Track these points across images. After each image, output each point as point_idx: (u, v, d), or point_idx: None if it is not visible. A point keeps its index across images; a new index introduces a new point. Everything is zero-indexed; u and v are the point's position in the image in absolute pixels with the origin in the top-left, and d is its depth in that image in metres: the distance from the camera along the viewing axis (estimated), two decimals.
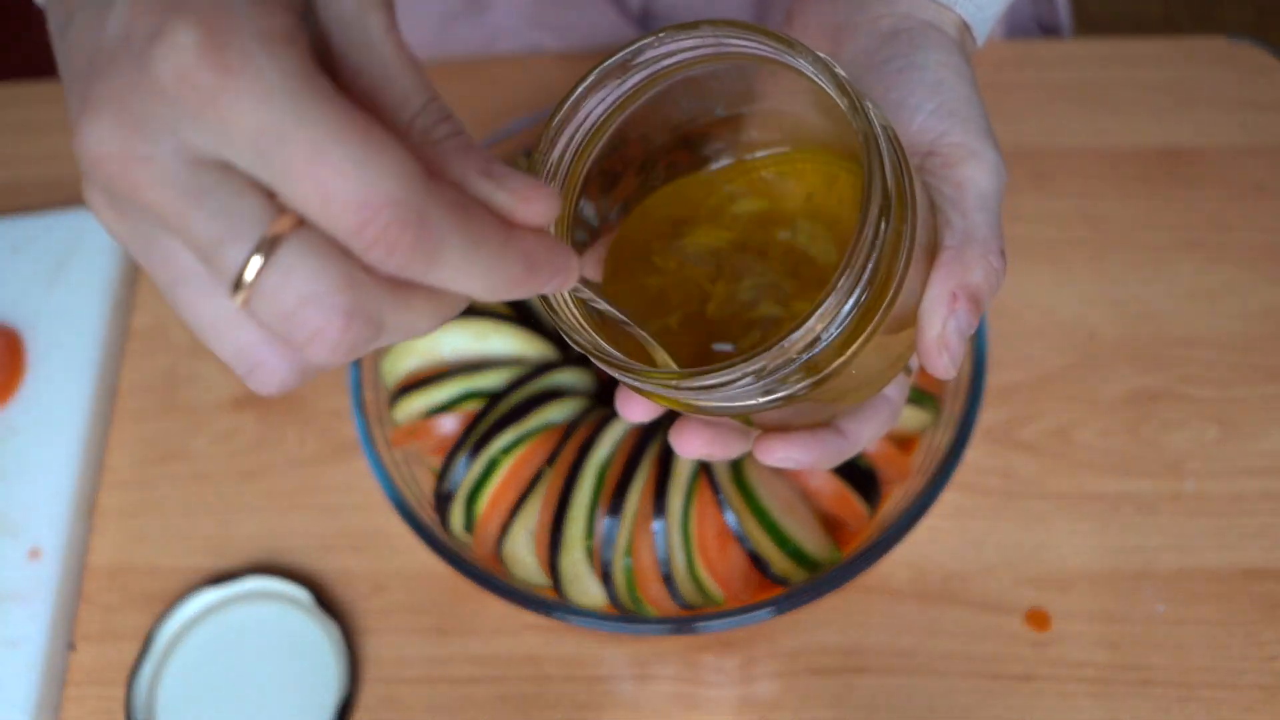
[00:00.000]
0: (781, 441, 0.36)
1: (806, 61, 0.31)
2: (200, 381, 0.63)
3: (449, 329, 0.53)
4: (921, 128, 0.36)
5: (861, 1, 0.39)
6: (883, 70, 0.37)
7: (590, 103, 0.34)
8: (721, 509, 0.49)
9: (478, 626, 0.55)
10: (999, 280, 0.35)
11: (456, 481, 0.51)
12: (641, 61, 0.33)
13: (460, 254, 0.24)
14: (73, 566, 0.58)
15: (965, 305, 0.33)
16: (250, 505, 0.59)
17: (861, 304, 0.29)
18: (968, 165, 0.35)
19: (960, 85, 0.37)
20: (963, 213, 0.35)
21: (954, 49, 0.38)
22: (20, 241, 0.67)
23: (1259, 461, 0.57)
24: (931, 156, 0.36)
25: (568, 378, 0.53)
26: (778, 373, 0.30)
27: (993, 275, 0.34)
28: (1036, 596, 0.54)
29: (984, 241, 0.34)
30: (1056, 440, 0.58)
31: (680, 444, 0.37)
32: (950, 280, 0.34)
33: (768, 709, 0.52)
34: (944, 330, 0.33)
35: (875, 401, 0.37)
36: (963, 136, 0.36)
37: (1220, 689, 0.51)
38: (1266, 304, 0.61)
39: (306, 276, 0.23)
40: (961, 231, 0.34)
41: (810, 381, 0.31)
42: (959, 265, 0.34)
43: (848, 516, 0.51)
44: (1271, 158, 0.66)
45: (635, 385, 0.33)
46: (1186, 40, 0.70)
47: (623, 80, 0.34)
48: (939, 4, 0.39)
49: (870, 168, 0.29)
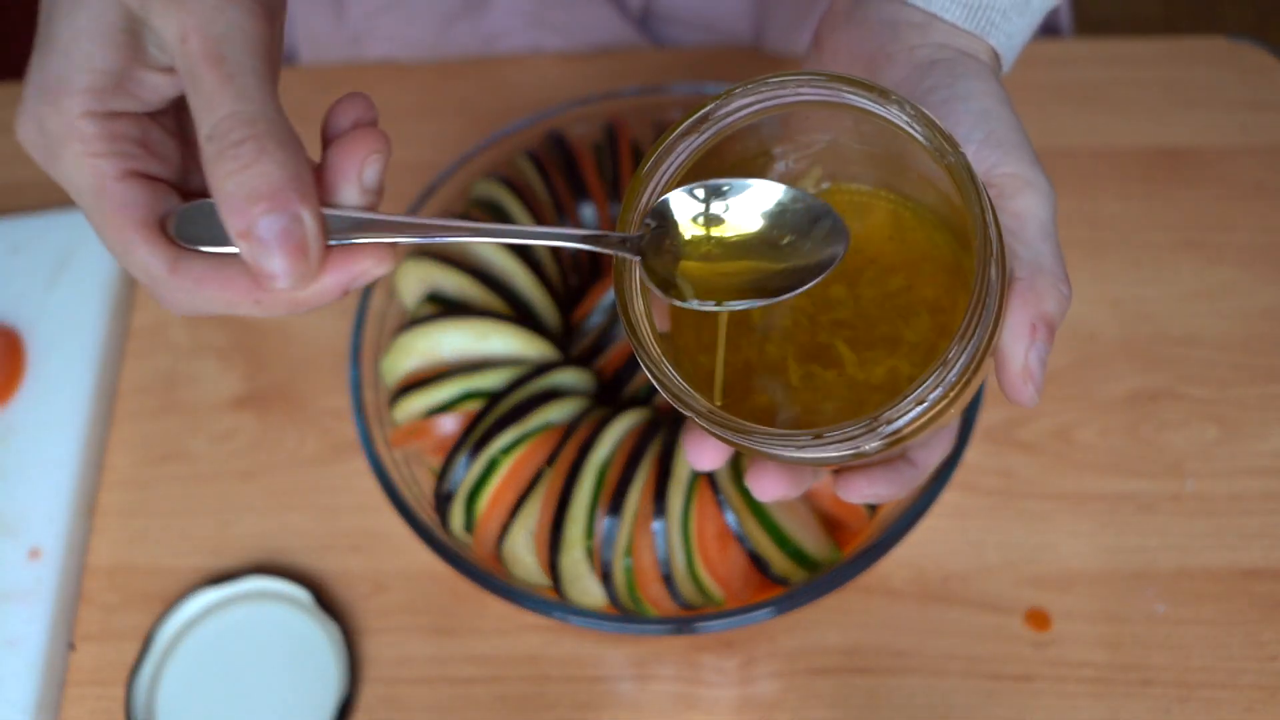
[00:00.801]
0: (865, 480, 0.37)
1: (898, 109, 0.31)
2: (200, 381, 0.63)
3: (449, 329, 0.53)
4: (973, 159, 0.36)
5: (895, 31, 0.40)
6: (926, 101, 0.38)
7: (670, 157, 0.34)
8: (721, 509, 0.49)
9: (478, 626, 0.55)
10: (1068, 306, 0.35)
11: (456, 481, 0.51)
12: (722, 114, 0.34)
13: (221, 310, 0.31)
14: (73, 566, 0.58)
15: (1043, 334, 0.34)
16: (250, 505, 0.59)
17: (968, 369, 0.30)
18: (1025, 195, 0.36)
19: (1005, 114, 0.37)
20: (1027, 243, 0.35)
21: (991, 77, 0.39)
22: (20, 241, 0.67)
23: (1259, 461, 0.57)
24: (987, 188, 0.36)
25: (568, 378, 0.53)
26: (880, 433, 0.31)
27: (1064, 302, 0.35)
28: (1036, 596, 0.54)
29: (1052, 271, 0.35)
30: (1056, 440, 0.58)
31: (761, 490, 0.38)
32: (1028, 311, 0.34)
33: (768, 709, 0.52)
34: (1027, 360, 0.34)
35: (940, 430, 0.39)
36: (1016, 166, 0.36)
37: (1220, 689, 0.51)
38: (1266, 304, 0.61)
39: None
40: (1030, 263, 0.35)
41: (912, 430, 0.32)
42: (1034, 295, 0.34)
43: (848, 516, 0.51)
44: (1271, 158, 0.66)
45: (734, 442, 0.33)
46: (1186, 40, 0.70)
47: (699, 135, 0.34)
48: (971, 34, 0.39)
49: (979, 211, 0.30)
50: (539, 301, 0.56)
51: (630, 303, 0.33)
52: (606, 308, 0.56)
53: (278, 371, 0.63)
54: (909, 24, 0.39)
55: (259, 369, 0.64)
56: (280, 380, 0.63)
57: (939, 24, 0.39)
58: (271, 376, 0.63)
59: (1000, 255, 0.31)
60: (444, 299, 0.55)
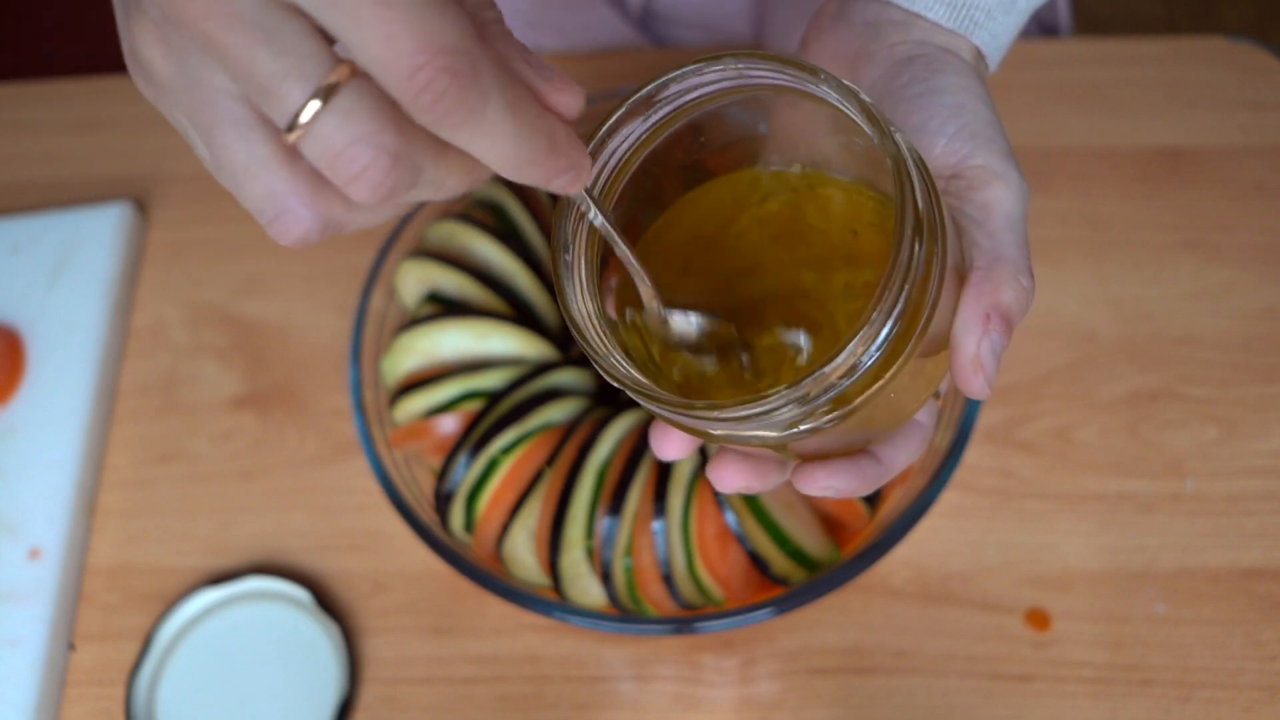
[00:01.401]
0: (824, 471, 0.36)
1: (831, 89, 0.31)
2: (200, 381, 0.63)
3: (449, 329, 0.53)
4: (944, 151, 0.36)
5: (877, 30, 0.40)
6: (902, 95, 0.38)
7: (615, 140, 0.34)
8: (721, 509, 0.49)
9: (478, 626, 0.55)
10: (1029, 300, 0.35)
11: (456, 481, 0.51)
12: (666, 96, 0.34)
13: (498, 113, 0.25)
14: (73, 566, 0.58)
15: (998, 325, 0.34)
16: (250, 505, 0.59)
17: (897, 329, 0.30)
18: (992, 187, 0.36)
19: (980, 108, 0.37)
20: (990, 234, 0.35)
21: (971, 72, 0.38)
22: (20, 241, 0.67)
23: (1259, 461, 0.57)
24: (956, 179, 0.36)
25: (568, 378, 0.53)
26: (815, 400, 0.30)
27: (1023, 295, 0.35)
28: (1036, 596, 0.54)
29: (1013, 261, 0.35)
30: (1056, 440, 0.58)
31: (719, 479, 0.37)
32: (982, 301, 0.34)
33: (768, 709, 0.52)
34: (979, 350, 0.34)
35: (908, 427, 0.38)
36: (986, 159, 0.36)
37: (1220, 689, 0.51)
38: (1266, 304, 0.61)
39: (361, 119, 0.25)
40: (990, 252, 0.35)
41: (850, 406, 0.31)
42: (990, 285, 0.34)
43: (848, 516, 0.51)
44: (1271, 158, 0.66)
45: (671, 418, 0.33)
46: (1186, 40, 0.70)
47: (647, 116, 0.34)
48: (954, 32, 0.39)
49: (902, 193, 0.29)
50: (539, 301, 0.56)
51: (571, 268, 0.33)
52: None
53: (278, 371, 0.63)
54: (891, 23, 0.40)
55: (259, 369, 0.64)
56: (280, 380, 0.63)
57: (921, 22, 0.39)
58: (271, 376, 0.63)
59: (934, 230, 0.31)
60: (444, 299, 0.55)
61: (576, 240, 0.34)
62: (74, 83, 0.77)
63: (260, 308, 0.66)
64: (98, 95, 0.76)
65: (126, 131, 0.74)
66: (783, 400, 0.30)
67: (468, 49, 0.24)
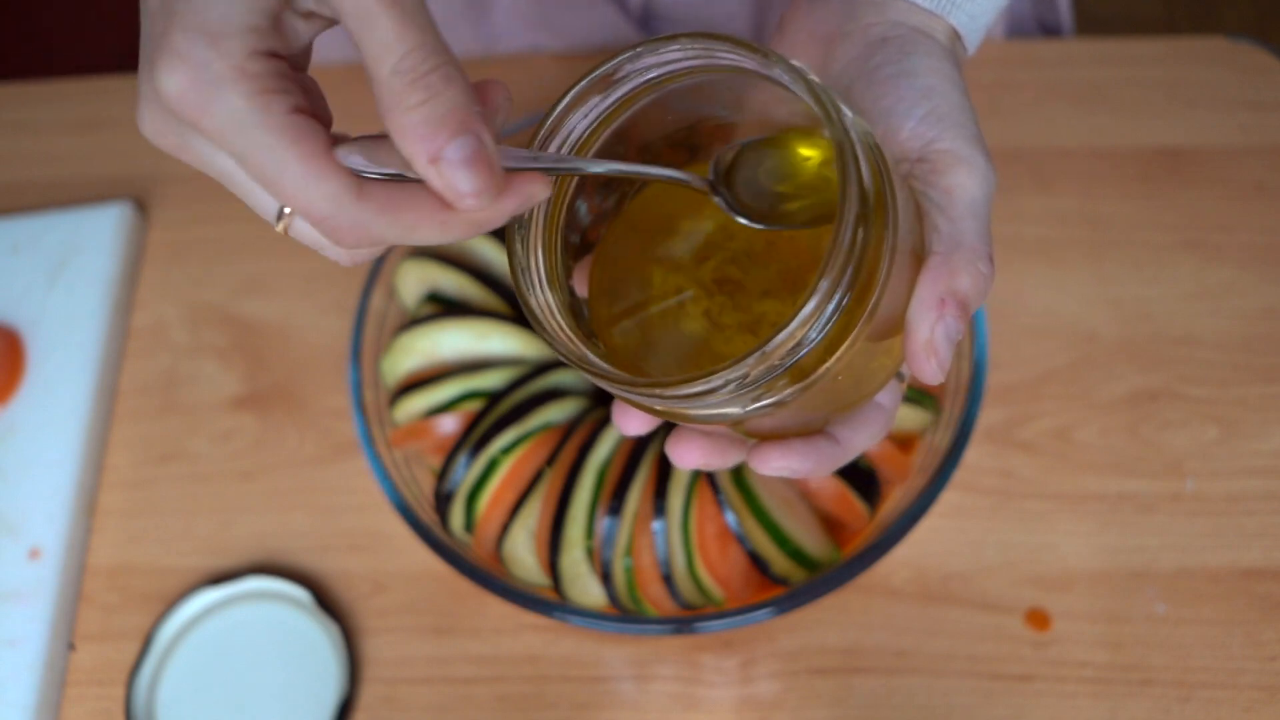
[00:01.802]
0: (778, 451, 0.36)
1: (782, 70, 0.31)
2: (200, 381, 0.63)
3: (449, 329, 0.53)
4: (911, 134, 0.36)
5: (852, 10, 0.39)
6: (873, 77, 0.37)
7: (574, 118, 0.34)
8: (721, 509, 0.49)
9: (478, 626, 0.55)
10: (987, 286, 0.35)
11: (456, 481, 0.51)
12: (622, 76, 0.34)
13: (399, 237, 0.30)
14: (73, 566, 0.58)
15: (953, 310, 0.34)
16: (250, 505, 0.59)
17: (843, 307, 0.29)
18: (957, 172, 0.35)
19: (950, 91, 0.37)
20: (951, 219, 0.35)
21: (944, 55, 0.38)
22: (20, 241, 0.67)
23: (1259, 461, 0.57)
24: (921, 163, 0.36)
25: (568, 378, 0.53)
26: (763, 379, 0.30)
27: (981, 281, 0.34)
28: (1036, 596, 0.54)
29: (972, 248, 0.34)
30: (1056, 440, 0.58)
31: (677, 455, 0.37)
32: (938, 285, 0.34)
33: (768, 709, 0.52)
34: (932, 335, 0.33)
35: (868, 409, 0.37)
36: (952, 143, 0.36)
37: (1220, 689, 0.51)
38: (1266, 304, 0.61)
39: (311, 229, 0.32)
40: (949, 237, 0.34)
41: (798, 387, 0.31)
42: (946, 270, 0.34)
43: (848, 516, 0.51)
44: (1271, 158, 0.66)
45: (624, 396, 0.33)
46: (1186, 40, 0.70)
47: (606, 95, 0.34)
48: (930, 12, 0.39)
49: (844, 173, 0.29)
50: None
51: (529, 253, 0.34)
52: None
53: (278, 371, 0.63)
54: (868, 2, 0.39)
55: (259, 369, 0.64)
56: (280, 380, 0.63)
57: (898, 3, 0.39)
58: (271, 376, 0.63)
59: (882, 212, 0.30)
60: (444, 299, 0.55)
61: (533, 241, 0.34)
62: (74, 83, 0.77)
63: (260, 308, 0.66)
64: (98, 95, 0.76)
65: (126, 131, 0.74)
66: (723, 380, 0.29)
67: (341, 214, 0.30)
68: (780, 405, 0.32)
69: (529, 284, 0.34)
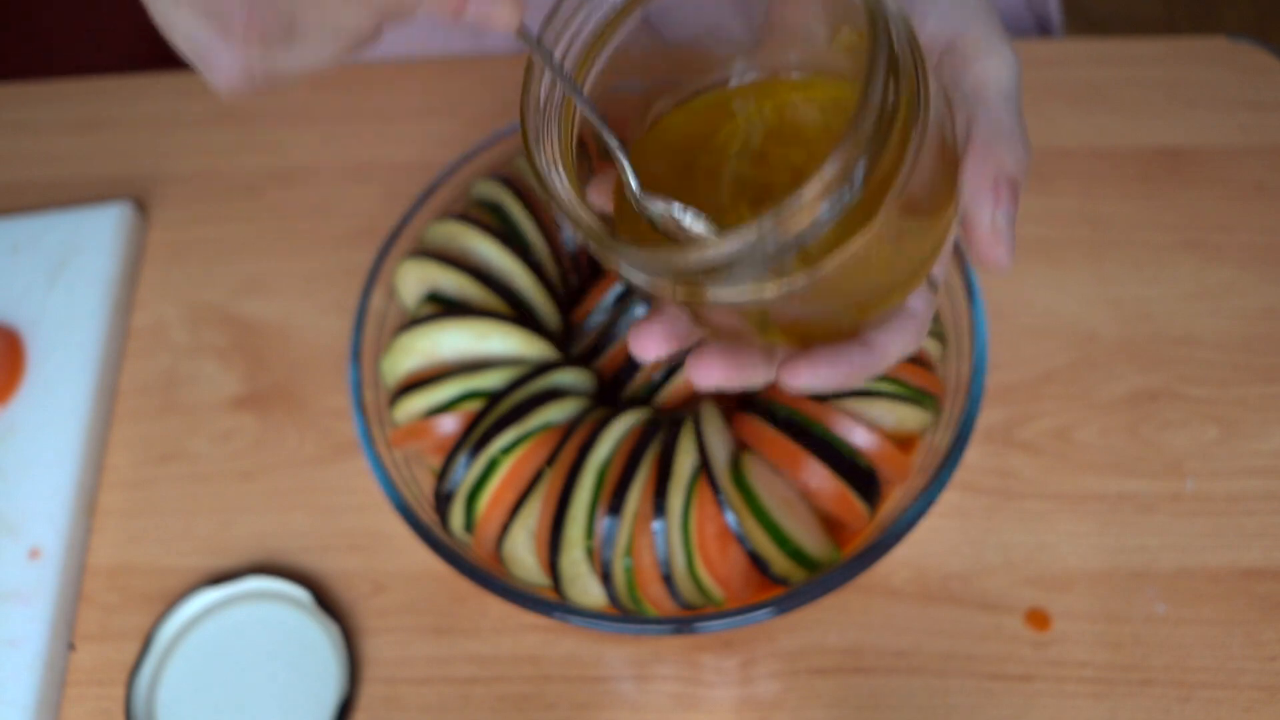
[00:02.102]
0: (806, 363, 0.34)
1: None
2: (200, 381, 0.64)
3: (449, 329, 0.53)
4: (937, 27, 0.36)
5: None
6: None
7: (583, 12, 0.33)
8: (721, 509, 0.49)
9: (478, 626, 0.55)
10: (1028, 167, 0.35)
11: (456, 481, 0.51)
12: None
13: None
14: (73, 566, 0.58)
15: (1007, 193, 0.33)
16: (250, 505, 0.59)
17: (868, 177, 0.28)
18: (985, 60, 0.36)
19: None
20: (987, 106, 0.35)
21: None
22: (20, 241, 0.67)
23: (1259, 461, 0.57)
24: (949, 54, 0.36)
25: (568, 378, 0.53)
26: (787, 249, 0.28)
27: (1023, 162, 0.34)
28: (1036, 596, 0.54)
29: (1010, 132, 0.34)
30: (1056, 440, 0.58)
31: (698, 373, 0.35)
32: (987, 171, 0.33)
33: (768, 709, 0.52)
34: (994, 219, 0.33)
35: (900, 313, 0.36)
36: (979, 32, 0.36)
37: (1220, 689, 0.51)
38: (1266, 304, 0.61)
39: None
40: (988, 124, 0.34)
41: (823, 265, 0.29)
42: (993, 155, 0.34)
43: (848, 516, 0.51)
44: (1271, 158, 0.66)
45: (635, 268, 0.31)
46: (1186, 40, 0.70)
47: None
48: None
49: (874, 29, 0.28)
50: (539, 301, 0.56)
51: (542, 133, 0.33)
52: (607, 307, 0.56)
53: (278, 371, 0.63)
54: None
55: (259, 369, 0.64)
56: (280, 380, 0.63)
57: None
58: (271, 376, 0.63)
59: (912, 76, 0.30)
60: (444, 299, 0.55)
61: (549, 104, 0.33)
62: (74, 83, 0.77)
63: (260, 308, 0.66)
64: (98, 95, 0.76)
65: (126, 131, 0.74)
66: (740, 242, 0.28)
67: None
68: (807, 293, 0.30)
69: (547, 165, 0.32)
